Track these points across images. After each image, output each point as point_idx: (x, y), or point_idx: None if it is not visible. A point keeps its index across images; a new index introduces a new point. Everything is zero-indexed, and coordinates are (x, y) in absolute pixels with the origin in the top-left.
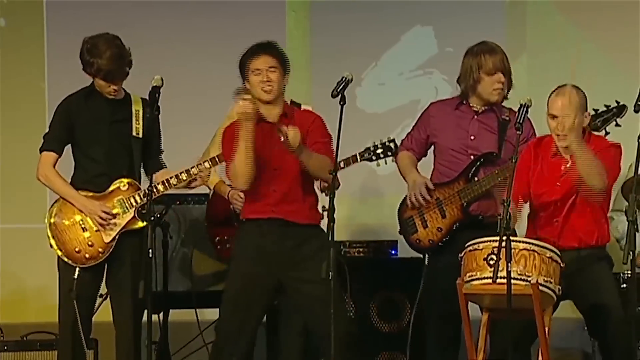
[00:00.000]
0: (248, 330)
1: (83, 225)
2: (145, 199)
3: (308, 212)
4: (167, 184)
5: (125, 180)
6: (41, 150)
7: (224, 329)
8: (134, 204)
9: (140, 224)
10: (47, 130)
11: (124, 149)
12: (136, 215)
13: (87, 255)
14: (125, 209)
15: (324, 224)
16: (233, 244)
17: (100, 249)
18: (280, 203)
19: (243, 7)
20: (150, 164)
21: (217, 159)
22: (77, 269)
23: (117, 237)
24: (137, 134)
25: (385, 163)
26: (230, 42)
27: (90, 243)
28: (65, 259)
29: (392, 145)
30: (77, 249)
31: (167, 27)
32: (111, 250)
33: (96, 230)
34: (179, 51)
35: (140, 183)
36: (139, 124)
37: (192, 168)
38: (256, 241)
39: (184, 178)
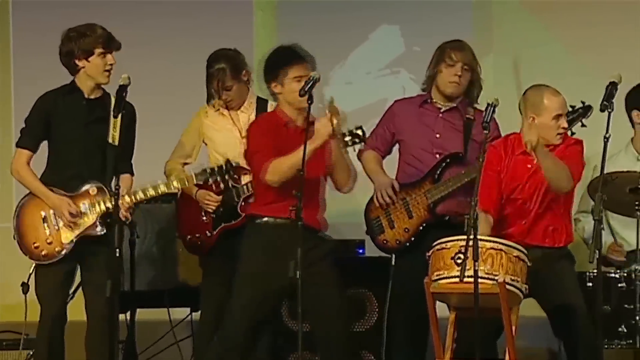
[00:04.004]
0: (255, 329)
1: (46, 222)
2: (109, 207)
3: (322, 218)
4: (134, 198)
5: (96, 185)
6: (17, 145)
7: (234, 331)
8: (98, 210)
9: (99, 232)
10: (15, 127)
11: (98, 150)
12: (97, 222)
13: (44, 252)
14: (89, 213)
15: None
16: (205, 242)
17: (57, 248)
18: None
19: (210, 6)
20: (118, 167)
21: (186, 182)
22: (34, 264)
23: (75, 239)
24: (113, 141)
25: (354, 150)
26: (197, 41)
27: (49, 241)
28: (23, 252)
29: (359, 132)
30: (35, 244)
31: (134, 26)
32: (68, 251)
33: (57, 230)
34: (145, 50)
35: (111, 189)
36: (115, 130)
37: (160, 185)
38: (272, 241)
39: (152, 194)
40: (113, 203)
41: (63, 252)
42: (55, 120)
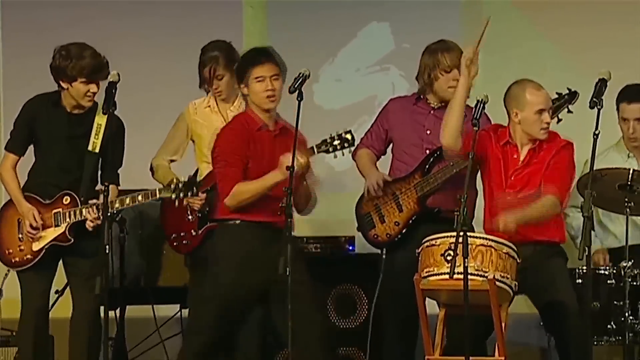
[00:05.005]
0: (229, 332)
1: (20, 230)
2: (79, 217)
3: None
4: (123, 204)
5: (70, 195)
6: (5, 149)
7: (209, 334)
8: (68, 220)
9: (67, 242)
10: (4, 129)
11: (78, 163)
12: (67, 232)
13: (15, 259)
14: (58, 222)
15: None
16: (190, 241)
17: (28, 256)
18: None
19: (199, 3)
20: (105, 176)
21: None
22: (9, 269)
23: (45, 247)
24: (94, 148)
25: (343, 154)
26: (186, 38)
27: (21, 247)
28: None
29: (348, 136)
30: (9, 250)
31: (123, 25)
32: (37, 260)
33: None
34: (135, 49)
35: (87, 198)
36: (97, 138)
37: (126, 198)
38: (247, 245)
39: (140, 200)
40: (101, 207)
41: (34, 261)
42: (39, 127)
